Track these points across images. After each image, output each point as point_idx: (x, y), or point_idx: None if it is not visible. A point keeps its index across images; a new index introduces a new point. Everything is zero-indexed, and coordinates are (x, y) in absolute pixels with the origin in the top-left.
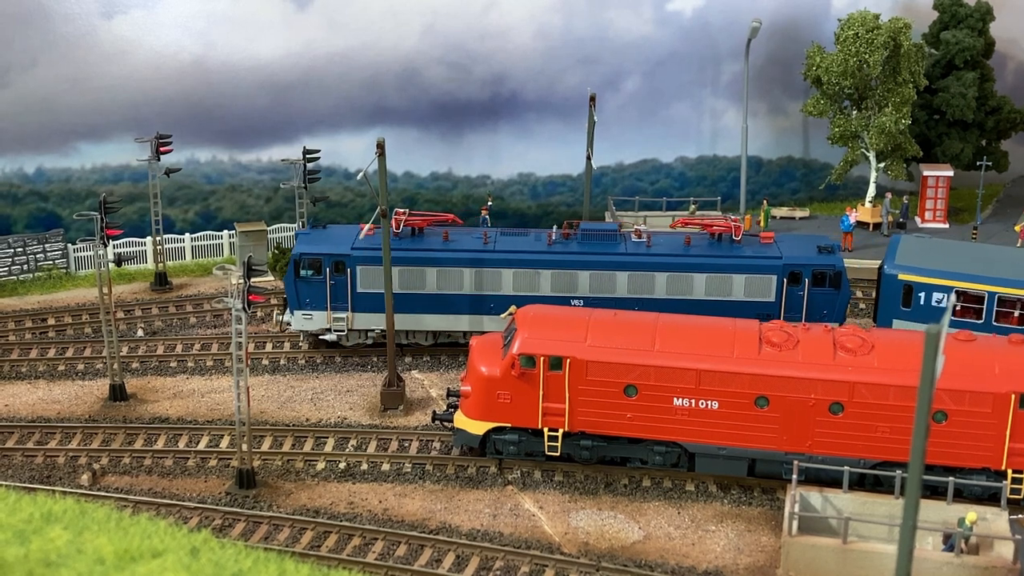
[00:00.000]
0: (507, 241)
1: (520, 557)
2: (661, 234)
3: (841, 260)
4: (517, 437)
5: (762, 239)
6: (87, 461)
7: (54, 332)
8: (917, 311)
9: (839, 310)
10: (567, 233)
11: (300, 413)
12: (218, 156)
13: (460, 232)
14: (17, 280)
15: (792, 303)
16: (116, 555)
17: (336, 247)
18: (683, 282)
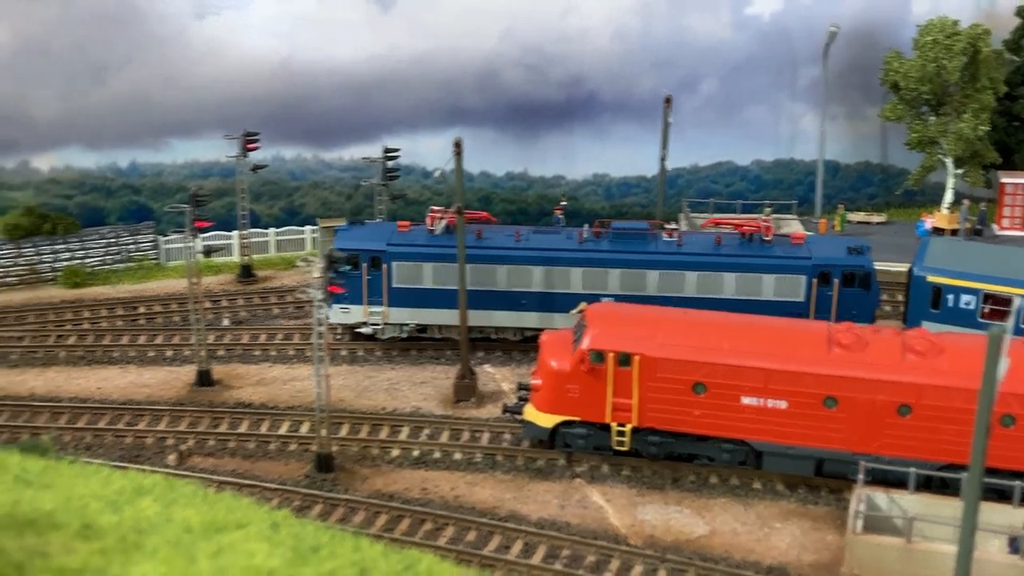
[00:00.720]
0: (539, 239)
1: (586, 547)
2: (692, 233)
3: (871, 261)
4: (586, 431)
5: (793, 239)
6: (174, 442)
7: (145, 320)
8: (946, 313)
9: (868, 311)
10: (598, 231)
11: (376, 402)
12: (302, 154)
13: (493, 230)
14: (110, 269)
15: (821, 303)
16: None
17: (373, 243)
18: (713, 281)
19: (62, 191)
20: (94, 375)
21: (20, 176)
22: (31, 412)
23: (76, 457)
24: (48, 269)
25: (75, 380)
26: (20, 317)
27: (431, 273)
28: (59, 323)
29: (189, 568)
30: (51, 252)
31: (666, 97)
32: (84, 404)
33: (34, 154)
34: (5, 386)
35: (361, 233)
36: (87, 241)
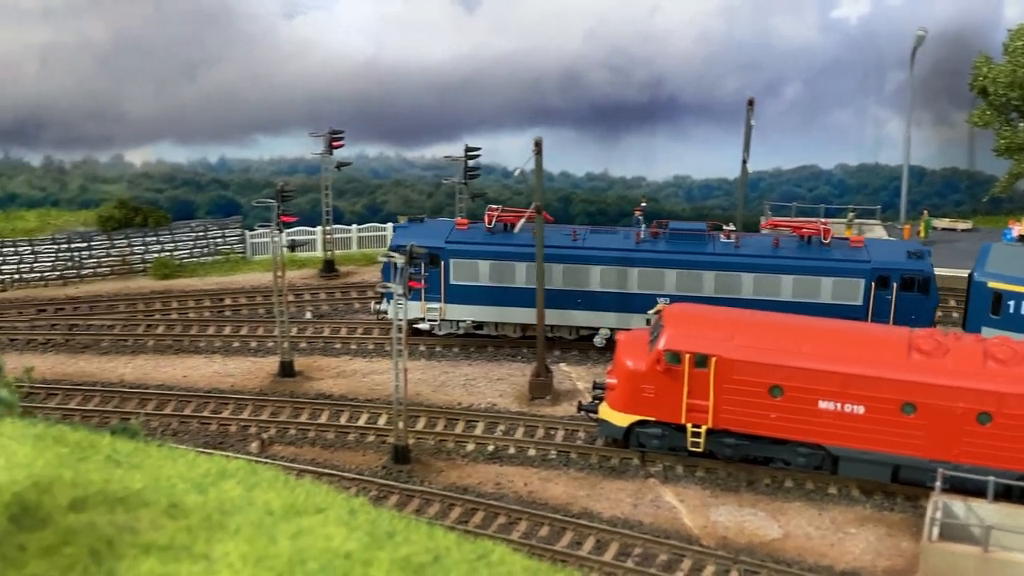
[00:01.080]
0: (596, 239)
1: (658, 546)
2: (750, 235)
3: (930, 265)
4: (660, 431)
5: (852, 242)
6: (256, 430)
7: (230, 311)
8: (1007, 319)
9: (927, 316)
10: (656, 232)
11: (453, 397)
12: (385, 152)
13: (551, 229)
14: (198, 262)
15: (880, 307)
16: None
17: (431, 240)
18: (770, 283)
19: (154, 185)
20: (181, 364)
21: (114, 170)
22: (121, 398)
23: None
24: (139, 260)
25: (163, 368)
26: (111, 306)
27: (488, 271)
28: (148, 313)
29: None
30: (142, 244)
31: (749, 100)
32: (171, 391)
33: (128, 149)
34: (96, 372)
35: (420, 230)
36: (177, 234)
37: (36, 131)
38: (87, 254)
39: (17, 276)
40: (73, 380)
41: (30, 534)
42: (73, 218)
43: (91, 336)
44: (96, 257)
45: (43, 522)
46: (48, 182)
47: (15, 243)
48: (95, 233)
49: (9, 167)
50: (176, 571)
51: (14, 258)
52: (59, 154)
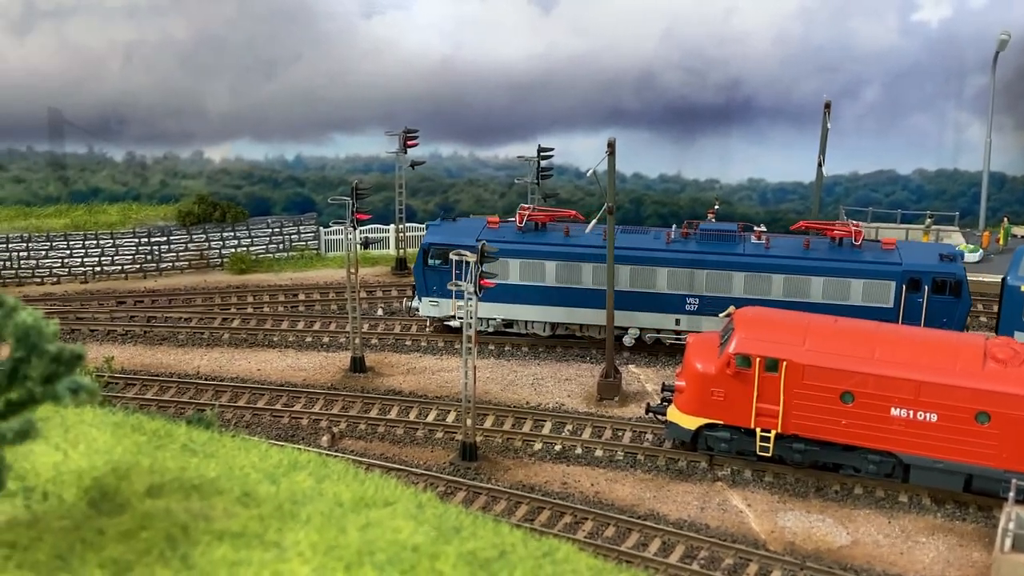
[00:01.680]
0: (626, 238)
1: (725, 549)
2: (780, 236)
3: (962, 268)
4: (729, 435)
5: (883, 245)
6: (327, 424)
7: (304, 307)
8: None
9: (959, 319)
10: (686, 232)
11: (521, 396)
12: (459, 151)
13: (581, 228)
14: (273, 257)
15: (911, 310)
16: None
17: (462, 238)
18: (800, 285)
19: (232, 181)
20: (255, 357)
21: (194, 166)
22: (196, 389)
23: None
24: (216, 255)
25: (237, 361)
26: (189, 300)
27: (518, 269)
28: (224, 307)
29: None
30: (219, 239)
31: (826, 102)
32: (245, 384)
33: (207, 145)
34: (173, 364)
35: (452, 229)
36: (253, 230)
37: (119, 127)
38: (166, 248)
39: (98, 268)
40: (151, 371)
41: (109, 518)
42: (153, 212)
43: (169, 328)
44: (175, 251)
45: (121, 507)
46: (130, 177)
47: (97, 236)
48: (174, 227)
49: (93, 162)
50: (248, 558)
51: (96, 251)
52: (141, 150)
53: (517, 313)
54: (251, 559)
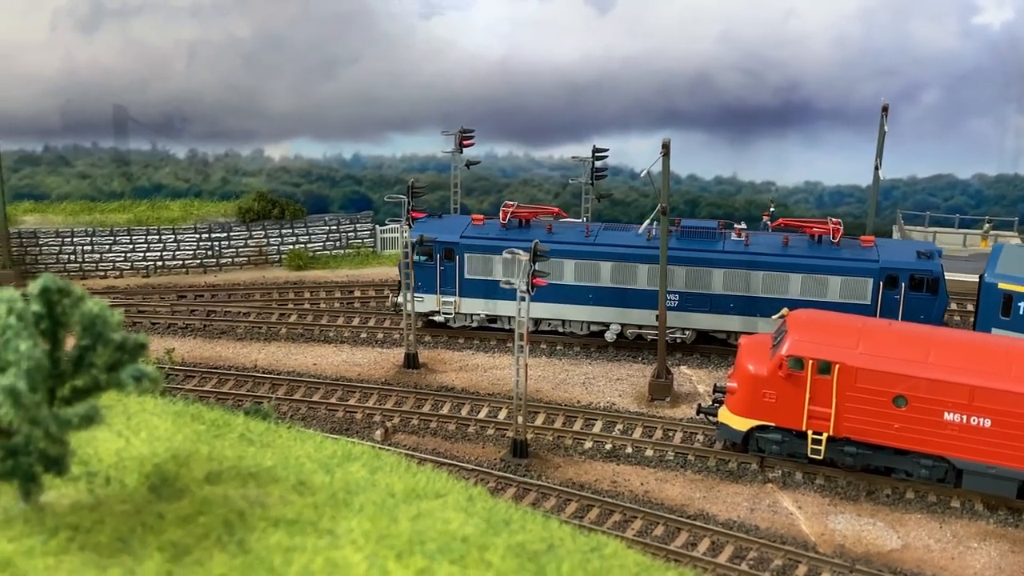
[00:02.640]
0: (608, 235)
1: (774, 551)
2: (760, 234)
3: (939, 266)
4: (780, 437)
5: (862, 242)
6: (381, 419)
7: (359, 303)
8: (1017, 320)
9: (936, 316)
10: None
11: (572, 395)
12: (514, 152)
13: (564, 225)
14: (330, 254)
15: (888, 307)
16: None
17: (447, 235)
18: (779, 281)
19: (291, 179)
20: (311, 352)
21: (255, 163)
22: (253, 382)
23: (292, 424)
24: (274, 251)
25: (293, 355)
26: (247, 295)
27: (501, 266)
28: (282, 302)
29: (391, 527)
30: (278, 235)
31: (883, 105)
32: (301, 378)
33: (268, 143)
34: (231, 357)
35: (437, 225)
36: (311, 227)
37: (182, 125)
38: (226, 244)
39: (160, 263)
40: (210, 364)
41: (168, 503)
42: (214, 209)
43: (227, 322)
44: (234, 247)
45: (180, 493)
46: (192, 174)
47: (160, 231)
48: (234, 224)
49: (156, 159)
50: (302, 544)
51: (158, 245)
52: (203, 147)
53: (500, 309)
54: (305, 545)
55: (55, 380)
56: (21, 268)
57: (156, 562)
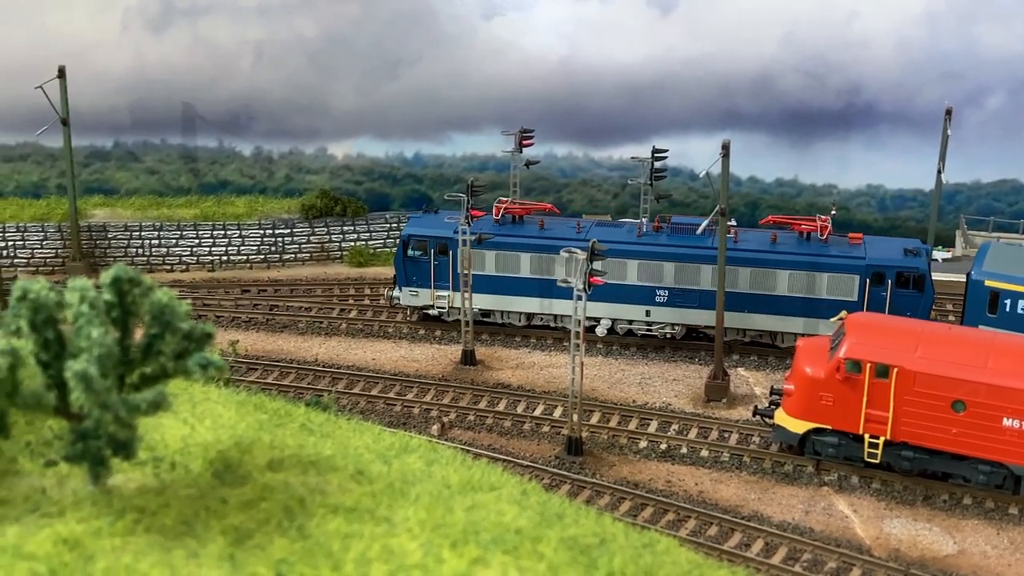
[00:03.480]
0: (599, 231)
1: (828, 553)
2: (749, 231)
3: (925, 263)
4: (837, 440)
5: (850, 239)
6: (437, 414)
7: None
8: (1003, 318)
9: (922, 313)
10: (658, 226)
11: (628, 395)
12: (574, 152)
13: (556, 221)
14: (391, 252)
15: (875, 304)
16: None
17: (441, 230)
18: (766, 278)
19: (353, 177)
20: (370, 347)
21: (318, 161)
22: (314, 375)
23: (351, 417)
24: (336, 248)
25: (353, 350)
26: (309, 290)
27: (494, 261)
28: (342, 298)
29: (447, 517)
30: (340, 232)
31: (947, 109)
32: (360, 372)
33: (331, 142)
34: (293, 351)
35: (432, 221)
36: (372, 224)
37: (248, 122)
38: (289, 240)
39: (225, 258)
40: (271, 357)
41: (231, 489)
42: (278, 205)
43: (289, 317)
44: (297, 243)
45: (243, 479)
46: (257, 171)
47: (225, 227)
48: (297, 220)
49: (222, 155)
50: (360, 531)
51: (223, 241)
52: (268, 145)
53: (494, 303)
54: (363, 532)
55: (124, 367)
56: (91, 261)
57: (219, 545)
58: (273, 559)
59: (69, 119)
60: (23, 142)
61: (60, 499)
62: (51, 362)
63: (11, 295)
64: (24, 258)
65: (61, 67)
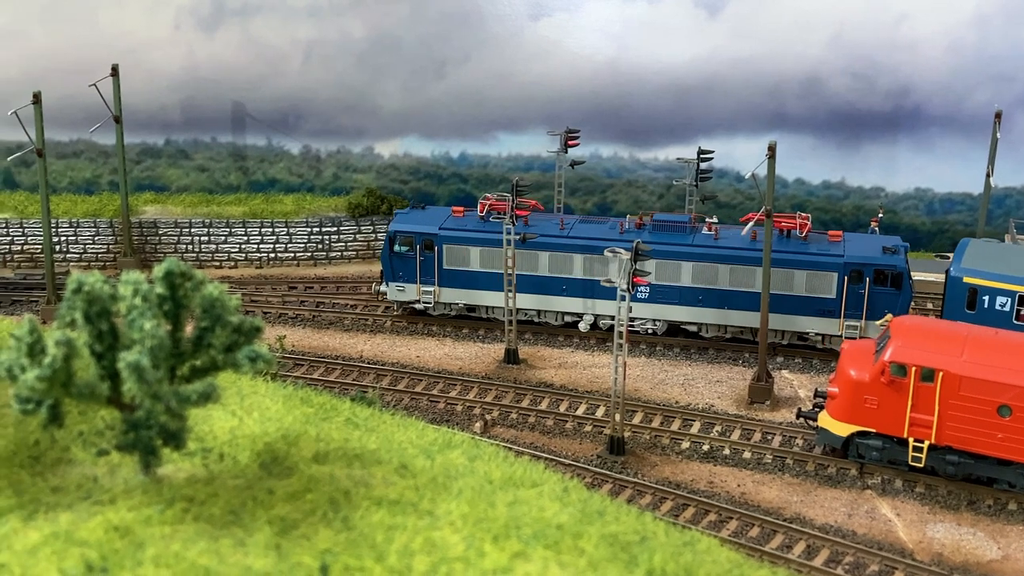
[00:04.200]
0: (582, 228)
1: (870, 556)
2: (730, 228)
3: (903, 261)
4: (881, 443)
5: (830, 237)
6: (480, 412)
7: None
8: (981, 314)
9: (900, 310)
10: (640, 223)
11: (671, 395)
12: (619, 152)
13: (540, 217)
14: None
15: (853, 301)
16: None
17: (426, 226)
18: (746, 275)
19: (399, 176)
20: (414, 344)
21: (365, 160)
22: (359, 372)
23: (395, 412)
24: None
25: (398, 348)
26: (355, 287)
27: (478, 257)
28: None
29: (488, 511)
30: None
31: (996, 112)
32: (404, 369)
33: (378, 141)
34: (338, 347)
35: (418, 217)
36: None
37: (296, 121)
38: (336, 238)
39: (273, 255)
40: (317, 353)
41: (278, 480)
42: (325, 204)
43: (335, 314)
44: (344, 241)
45: (289, 470)
46: (305, 169)
47: (273, 224)
48: (344, 218)
49: (271, 154)
50: (403, 523)
51: (271, 238)
52: (316, 143)
53: (478, 299)
54: (406, 525)
55: (176, 359)
56: (141, 256)
57: (265, 535)
58: (318, 549)
59: (122, 116)
60: (77, 139)
61: (111, 487)
62: (104, 353)
63: (66, 287)
64: (76, 253)
65: (115, 65)
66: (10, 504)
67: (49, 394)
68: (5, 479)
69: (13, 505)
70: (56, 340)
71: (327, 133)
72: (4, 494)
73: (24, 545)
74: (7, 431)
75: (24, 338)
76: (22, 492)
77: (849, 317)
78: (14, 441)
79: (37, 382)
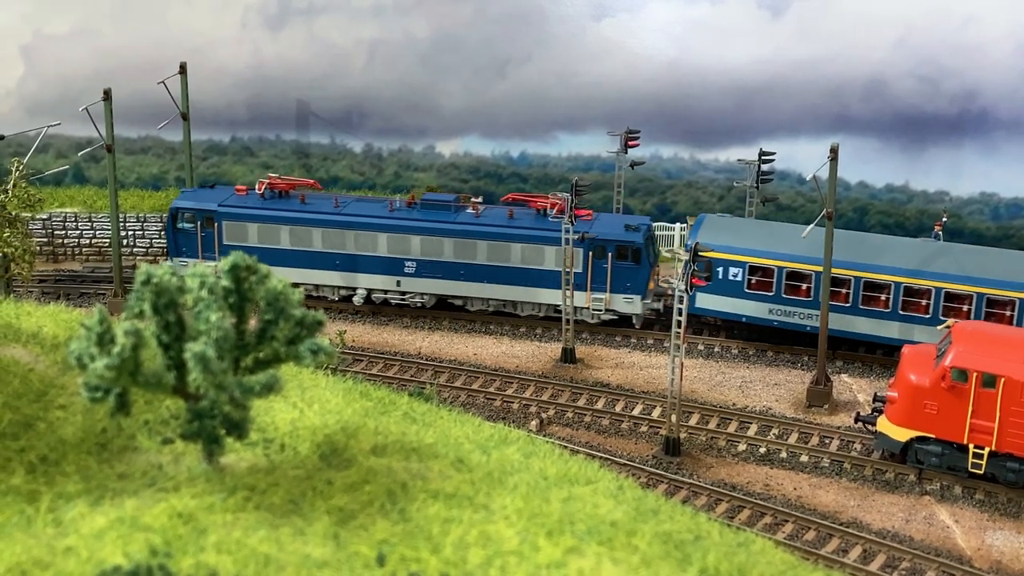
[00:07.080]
0: (354, 207)
1: (927, 562)
2: (493, 207)
3: (642, 238)
4: (940, 449)
5: (581, 216)
6: (536, 410)
7: None
8: (717, 285)
9: (640, 284)
10: (411, 202)
11: (728, 397)
12: (679, 153)
13: (317, 196)
14: None
15: (597, 275)
16: (557, 476)
17: (207, 203)
18: (502, 250)
19: (460, 175)
20: (472, 342)
21: (426, 159)
22: (417, 368)
23: (452, 408)
24: None
25: (455, 345)
26: None
27: (256, 233)
28: None
29: (543, 507)
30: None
31: None
32: (461, 366)
33: (439, 140)
34: (398, 344)
35: (202, 195)
36: None
37: (359, 120)
38: None
39: None
40: (377, 349)
41: (337, 471)
42: None
43: (395, 310)
44: None
45: (348, 462)
46: (367, 167)
47: None
48: None
49: (334, 152)
50: (459, 516)
51: None
52: (378, 142)
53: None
54: (461, 518)
55: (240, 351)
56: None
57: (324, 524)
58: (375, 540)
59: (189, 114)
60: (144, 135)
61: (175, 475)
62: (171, 344)
63: (135, 279)
64: (143, 248)
65: (183, 63)
66: (78, 489)
67: (117, 383)
68: (73, 465)
69: (81, 490)
70: (125, 330)
71: (389, 132)
72: (72, 480)
73: (91, 529)
74: (76, 419)
75: (94, 328)
76: (89, 478)
77: (595, 290)
78: (82, 428)
79: (106, 371)
